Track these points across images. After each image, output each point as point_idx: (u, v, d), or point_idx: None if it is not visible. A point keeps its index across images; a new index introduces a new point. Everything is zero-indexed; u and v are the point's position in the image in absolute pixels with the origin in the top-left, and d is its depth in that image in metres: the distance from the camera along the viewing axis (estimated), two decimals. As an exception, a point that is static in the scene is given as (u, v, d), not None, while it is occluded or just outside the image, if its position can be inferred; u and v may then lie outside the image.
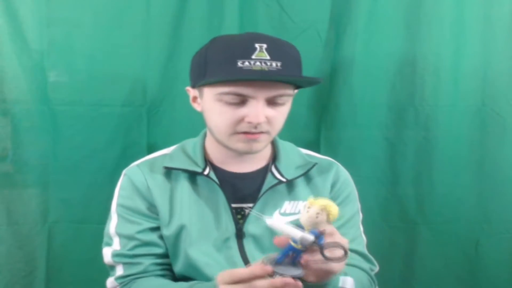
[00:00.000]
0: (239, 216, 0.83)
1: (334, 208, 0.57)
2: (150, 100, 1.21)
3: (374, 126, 1.27)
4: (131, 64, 1.19)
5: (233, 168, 0.86)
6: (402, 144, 1.28)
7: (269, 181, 0.84)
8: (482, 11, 1.24)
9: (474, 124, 1.28)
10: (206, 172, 0.82)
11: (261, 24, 1.21)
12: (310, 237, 0.56)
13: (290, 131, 0.94)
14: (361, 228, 0.92)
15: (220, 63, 0.74)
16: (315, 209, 0.57)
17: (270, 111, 0.75)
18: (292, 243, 0.58)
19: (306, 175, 0.87)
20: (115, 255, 0.81)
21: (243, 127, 0.75)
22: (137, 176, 0.85)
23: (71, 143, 1.19)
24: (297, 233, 0.56)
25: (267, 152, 0.88)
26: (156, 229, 0.83)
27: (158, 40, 1.19)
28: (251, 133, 0.76)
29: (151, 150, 1.21)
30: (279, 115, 0.78)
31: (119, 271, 0.81)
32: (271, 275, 0.57)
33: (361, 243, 0.91)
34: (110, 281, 0.83)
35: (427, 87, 1.26)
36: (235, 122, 0.75)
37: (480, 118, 1.28)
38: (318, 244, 0.56)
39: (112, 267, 0.83)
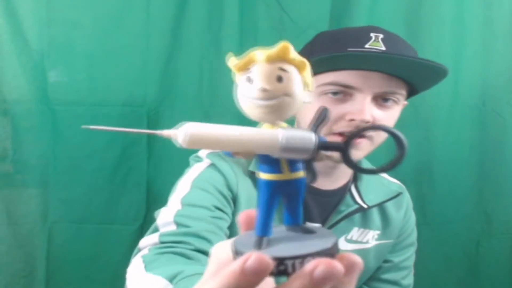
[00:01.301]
0: None
1: (295, 54, 0.27)
2: (150, 100, 1.21)
3: (374, 126, 1.27)
4: (131, 64, 1.19)
5: (316, 183, 0.77)
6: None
7: (346, 203, 0.74)
8: (482, 11, 1.24)
9: (474, 124, 1.28)
10: None
11: (261, 24, 1.21)
12: (310, 135, 0.27)
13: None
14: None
15: (327, 51, 0.63)
16: (272, 64, 0.26)
17: (377, 111, 0.64)
18: (266, 176, 0.28)
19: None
20: (180, 215, 0.65)
21: (341, 126, 0.63)
22: (226, 170, 0.72)
23: (71, 143, 1.19)
24: (267, 134, 0.26)
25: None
26: (226, 214, 0.69)
27: (158, 40, 1.19)
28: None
29: (151, 150, 1.21)
30: (388, 119, 0.65)
31: (167, 228, 0.64)
32: (274, 272, 0.26)
33: (412, 278, 0.86)
34: (150, 238, 0.64)
35: (427, 87, 1.26)
36: (333, 120, 0.63)
37: (480, 118, 1.27)
38: (337, 146, 0.28)
39: (156, 228, 0.66)
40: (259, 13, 1.21)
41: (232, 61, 0.28)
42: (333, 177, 0.75)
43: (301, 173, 0.28)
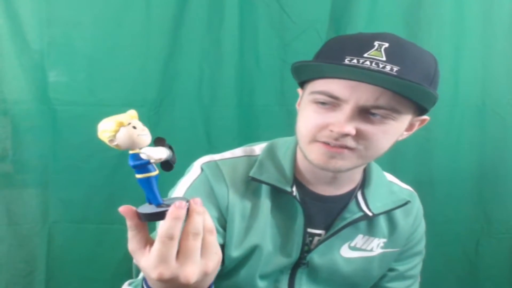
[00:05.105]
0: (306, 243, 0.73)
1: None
2: (150, 100, 1.21)
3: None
4: (131, 64, 1.19)
5: (318, 188, 0.74)
6: (402, 144, 1.28)
7: (351, 210, 0.73)
8: (482, 11, 1.24)
9: (474, 124, 1.28)
10: (293, 192, 0.70)
11: (261, 24, 1.21)
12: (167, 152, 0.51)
13: (291, 132, 0.94)
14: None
15: (327, 58, 0.63)
16: (136, 120, 0.51)
17: (362, 124, 0.61)
18: (142, 175, 0.52)
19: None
20: None
21: (324, 135, 0.62)
22: (217, 180, 0.71)
23: (71, 143, 1.19)
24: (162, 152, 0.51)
25: (358, 174, 0.76)
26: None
27: (158, 40, 1.19)
28: (330, 145, 0.62)
29: (151, 150, 1.21)
30: (377, 133, 0.62)
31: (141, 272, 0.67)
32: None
33: (417, 285, 0.85)
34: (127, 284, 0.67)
35: (427, 87, 1.26)
36: (317, 128, 0.63)
37: (480, 118, 1.28)
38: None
39: (137, 267, 0.68)
40: (259, 13, 1.21)
41: (115, 125, 0.46)
42: (336, 184, 0.73)
43: (155, 172, 0.52)
